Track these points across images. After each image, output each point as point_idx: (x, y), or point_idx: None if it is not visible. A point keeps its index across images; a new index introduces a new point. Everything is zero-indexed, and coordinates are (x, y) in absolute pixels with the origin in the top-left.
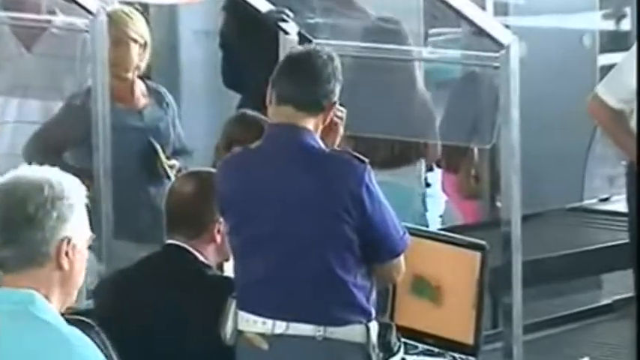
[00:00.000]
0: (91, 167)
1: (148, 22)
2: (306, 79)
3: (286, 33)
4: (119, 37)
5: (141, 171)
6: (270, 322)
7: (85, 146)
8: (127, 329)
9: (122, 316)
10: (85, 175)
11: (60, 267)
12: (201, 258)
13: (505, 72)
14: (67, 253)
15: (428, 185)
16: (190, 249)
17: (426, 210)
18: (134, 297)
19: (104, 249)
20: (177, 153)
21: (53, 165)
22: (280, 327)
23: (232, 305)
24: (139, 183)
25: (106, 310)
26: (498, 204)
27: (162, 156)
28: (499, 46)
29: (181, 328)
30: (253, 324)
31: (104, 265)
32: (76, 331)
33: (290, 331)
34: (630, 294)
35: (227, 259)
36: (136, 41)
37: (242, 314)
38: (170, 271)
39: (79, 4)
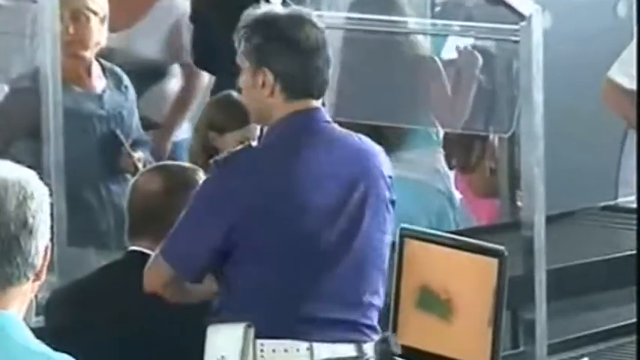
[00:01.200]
0: (41, 162)
1: None
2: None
3: (268, 1)
4: (77, 9)
5: (101, 166)
6: (316, 345)
7: (34, 137)
8: (85, 349)
9: (79, 333)
10: (34, 171)
11: (39, 279)
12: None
13: (526, 47)
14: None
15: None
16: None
17: (452, 213)
18: (92, 312)
19: (56, 257)
20: (135, 144)
21: None
22: (327, 350)
23: (251, 335)
24: (98, 180)
25: (60, 328)
26: (519, 203)
27: (129, 148)
28: (519, 16)
29: (147, 344)
30: (294, 353)
31: (56, 275)
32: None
33: (336, 355)
34: None
35: None
36: (96, 14)
37: (272, 343)
38: (134, 281)
39: None
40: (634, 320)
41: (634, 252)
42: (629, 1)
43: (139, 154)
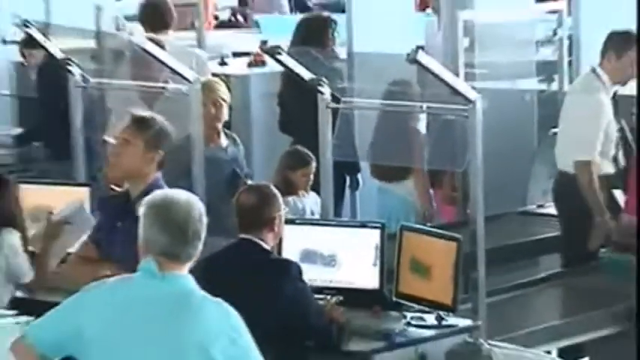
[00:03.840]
0: (194, 188)
1: (228, 88)
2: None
3: (322, 94)
4: (215, 99)
5: (228, 189)
6: None
7: (188, 174)
8: None
9: (211, 292)
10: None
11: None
12: (264, 246)
13: (472, 119)
14: None
15: None
16: (257, 240)
17: (413, 215)
18: (219, 277)
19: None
20: (246, 176)
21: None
22: None
23: None
24: (227, 197)
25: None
26: (468, 210)
27: (243, 177)
28: (468, 101)
29: (255, 299)
30: None
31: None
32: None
33: None
34: (557, 270)
35: (281, 240)
36: (225, 101)
37: None
38: (244, 257)
39: (182, 76)
40: (534, 278)
41: (535, 238)
42: (532, 93)
43: (248, 181)
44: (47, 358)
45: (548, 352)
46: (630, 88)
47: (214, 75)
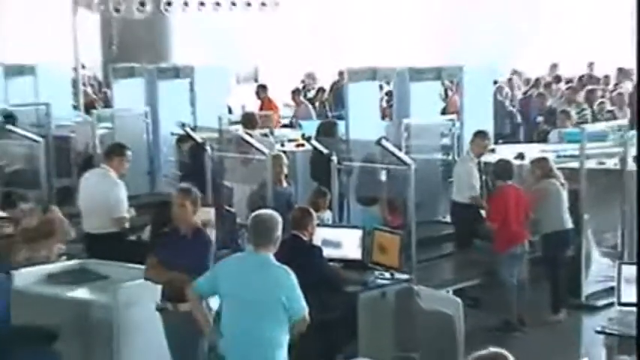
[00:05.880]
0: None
1: (287, 158)
2: None
3: (332, 160)
4: (279, 163)
5: (286, 209)
6: None
7: (265, 201)
8: None
9: (280, 261)
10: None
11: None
12: (304, 237)
13: (409, 174)
14: None
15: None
16: (300, 234)
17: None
18: (281, 254)
19: None
20: (294, 202)
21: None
22: None
23: None
24: (285, 213)
25: None
26: (406, 219)
27: (293, 203)
28: (407, 165)
29: (302, 265)
30: None
31: None
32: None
33: None
34: (452, 250)
35: (312, 235)
36: (284, 164)
37: None
38: (295, 242)
39: (261, 151)
40: (445, 252)
41: (445, 233)
42: (438, 161)
43: (296, 205)
44: (203, 296)
45: (447, 292)
46: (484, 158)
47: (279, 151)
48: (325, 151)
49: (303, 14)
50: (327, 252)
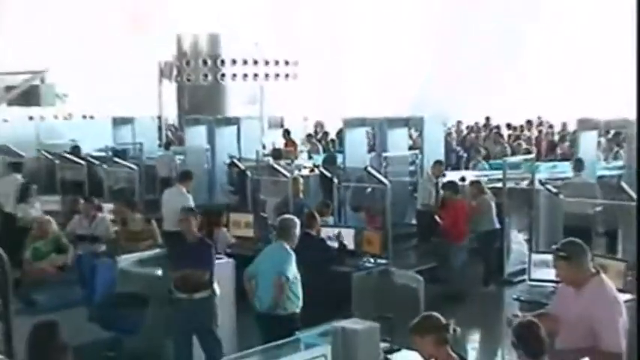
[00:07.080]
0: None
1: (302, 179)
2: None
3: (333, 181)
4: (297, 183)
5: (300, 214)
6: None
7: (287, 208)
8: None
9: (294, 249)
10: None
11: None
12: (313, 233)
13: (387, 191)
14: None
15: None
16: (311, 232)
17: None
18: (300, 244)
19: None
20: (307, 208)
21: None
22: None
23: None
24: (300, 216)
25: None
26: (384, 221)
27: (306, 209)
28: (384, 184)
29: (312, 251)
30: None
31: None
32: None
33: None
34: (416, 243)
35: (319, 232)
36: (300, 184)
37: None
38: (306, 237)
39: (284, 175)
40: (412, 244)
41: (413, 230)
42: (400, 182)
43: (306, 210)
44: (251, 277)
45: (413, 272)
46: (446, 177)
47: (297, 175)
48: (329, 175)
49: (313, 81)
50: (330, 244)
